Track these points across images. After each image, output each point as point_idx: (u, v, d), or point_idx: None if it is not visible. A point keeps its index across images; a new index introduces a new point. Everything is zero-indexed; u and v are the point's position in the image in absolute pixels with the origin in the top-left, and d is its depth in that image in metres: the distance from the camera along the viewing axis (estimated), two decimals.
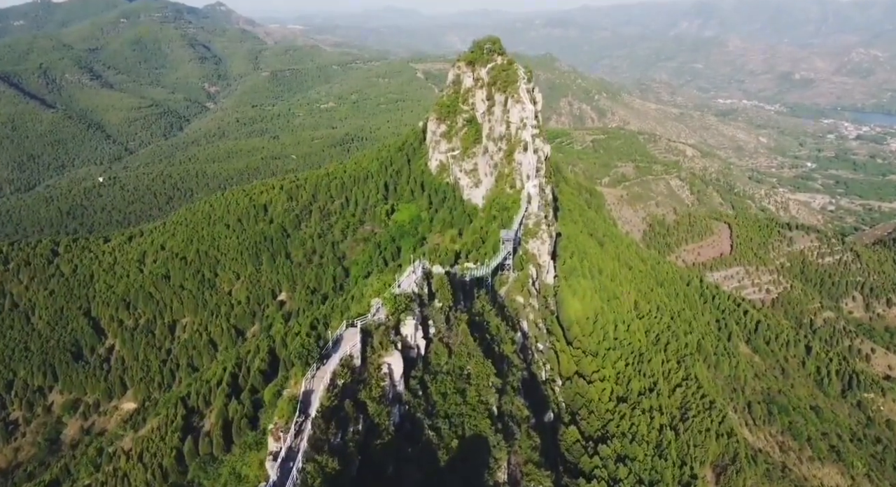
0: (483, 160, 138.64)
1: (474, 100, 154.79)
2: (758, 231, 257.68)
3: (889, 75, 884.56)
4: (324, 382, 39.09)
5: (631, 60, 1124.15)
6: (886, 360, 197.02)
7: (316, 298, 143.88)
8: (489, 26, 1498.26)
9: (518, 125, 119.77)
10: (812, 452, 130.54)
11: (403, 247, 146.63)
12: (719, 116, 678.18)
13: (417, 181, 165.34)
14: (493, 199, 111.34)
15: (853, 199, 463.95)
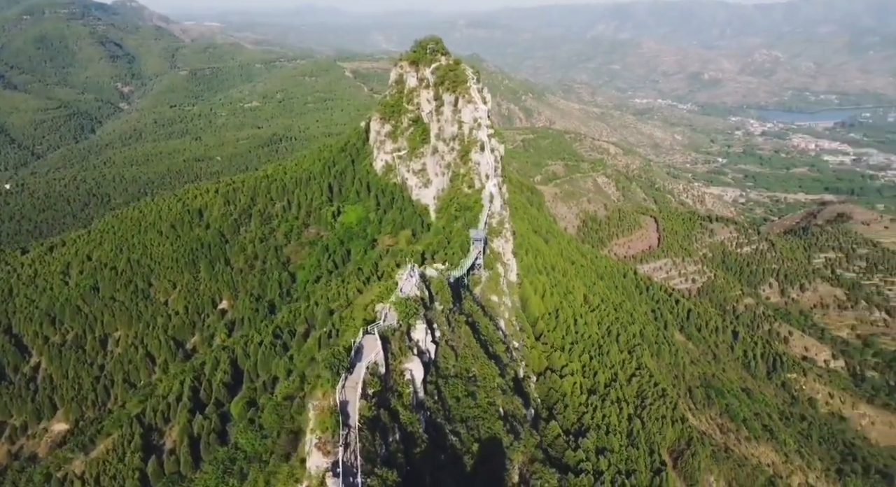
0: (432, 160, 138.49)
1: (419, 99, 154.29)
2: (682, 224, 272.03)
3: (789, 75, 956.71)
4: (357, 392, 37.84)
5: (553, 62, 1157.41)
6: (803, 342, 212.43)
7: (261, 306, 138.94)
8: (414, 26, 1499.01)
9: (471, 125, 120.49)
10: (748, 432, 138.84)
11: (353, 250, 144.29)
12: (637, 115, 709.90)
13: (363, 182, 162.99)
14: (449, 199, 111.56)
15: (761, 192, 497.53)
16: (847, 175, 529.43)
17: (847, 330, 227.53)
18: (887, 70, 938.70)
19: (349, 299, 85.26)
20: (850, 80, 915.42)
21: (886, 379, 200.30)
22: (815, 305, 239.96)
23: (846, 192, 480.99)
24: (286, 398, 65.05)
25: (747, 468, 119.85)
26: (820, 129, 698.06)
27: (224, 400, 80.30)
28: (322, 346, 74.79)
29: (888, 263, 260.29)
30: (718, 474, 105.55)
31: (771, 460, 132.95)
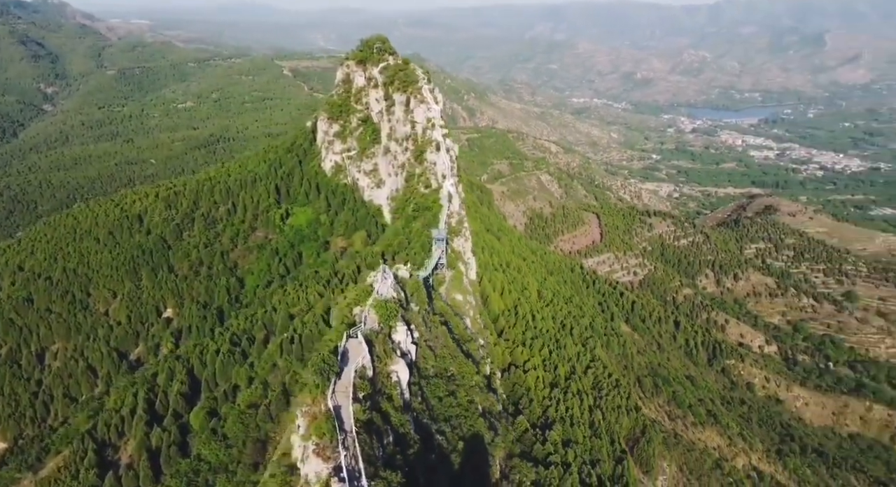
0: (384, 160, 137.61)
1: (368, 99, 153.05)
2: (622, 219, 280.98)
3: (716, 74, 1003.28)
4: (349, 396, 37.09)
5: (493, 61, 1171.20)
6: (738, 329, 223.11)
7: (209, 313, 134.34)
8: (352, 24, 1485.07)
9: (425, 125, 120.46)
10: (694, 418, 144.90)
11: (305, 253, 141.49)
12: (575, 114, 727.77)
13: (312, 183, 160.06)
14: (405, 199, 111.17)
15: (693, 186, 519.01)
16: (772, 169, 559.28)
17: (778, 317, 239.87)
18: (806, 68, 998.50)
19: (310, 304, 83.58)
20: (772, 79, 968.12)
21: (816, 361, 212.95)
22: (748, 294, 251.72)
23: (771, 185, 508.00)
24: (250, 406, 63.42)
25: (695, 452, 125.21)
26: (746, 126, 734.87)
27: (182, 412, 77.19)
28: (284, 352, 73.20)
29: (813, 252, 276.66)
30: (670, 459, 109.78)
31: (716, 444, 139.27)
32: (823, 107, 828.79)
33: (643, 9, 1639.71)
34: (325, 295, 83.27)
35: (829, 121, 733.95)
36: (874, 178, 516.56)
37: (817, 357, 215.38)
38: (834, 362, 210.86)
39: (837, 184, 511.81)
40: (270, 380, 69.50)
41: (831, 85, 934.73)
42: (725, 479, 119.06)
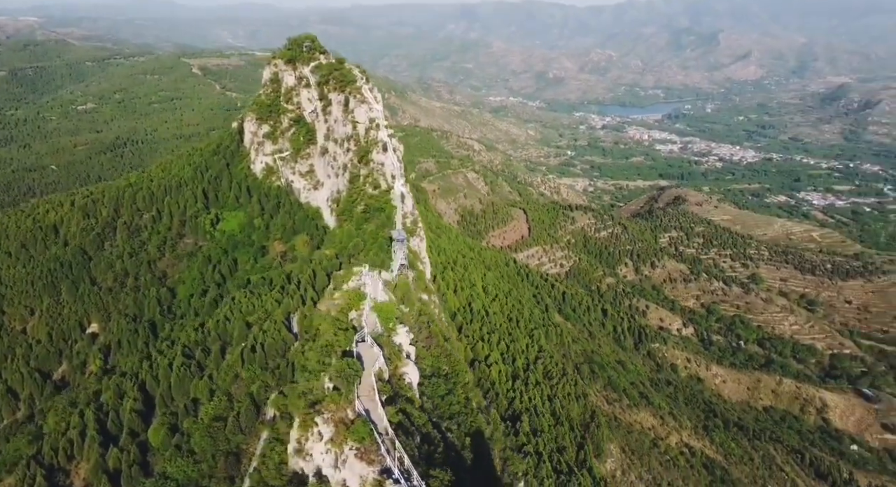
0: (322, 161, 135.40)
1: (299, 99, 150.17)
2: (547, 214, 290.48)
3: (621, 72, 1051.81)
4: (375, 399, 36.78)
5: (409, 60, 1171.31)
6: (658, 314, 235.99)
7: (140, 326, 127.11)
8: (260, 21, 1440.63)
9: (367, 125, 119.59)
10: (629, 400, 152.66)
11: (240, 259, 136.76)
12: (493, 113, 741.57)
13: (242, 186, 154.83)
14: (351, 201, 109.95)
15: (606, 181, 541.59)
16: (676, 162, 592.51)
17: (693, 300, 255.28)
18: (702, 66, 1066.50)
19: (267, 311, 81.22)
20: (673, 76, 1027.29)
21: (729, 341, 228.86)
22: (664, 280, 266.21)
23: (677, 177, 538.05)
24: (215, 419, 61.24)
25: (634, 434, 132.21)
26: (651, 122, 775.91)
27: (138, 429, 72.98)
28: (246, 362, 70.89)
29: (720, 239, 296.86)
30: (614, 442, 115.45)
31: (651, 424, 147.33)
32: (720, 102, 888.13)
33: (551, 9, 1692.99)
34: (283, 301, 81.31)
35: (726, 115, 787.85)
36: (767, 168, 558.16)
37: (730, 336, 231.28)
38: (745, 340, 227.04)
39: (735, 174, 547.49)
40: (234, 392, 67.35)
41: (726, 81, 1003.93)
42: (662, 457, 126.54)
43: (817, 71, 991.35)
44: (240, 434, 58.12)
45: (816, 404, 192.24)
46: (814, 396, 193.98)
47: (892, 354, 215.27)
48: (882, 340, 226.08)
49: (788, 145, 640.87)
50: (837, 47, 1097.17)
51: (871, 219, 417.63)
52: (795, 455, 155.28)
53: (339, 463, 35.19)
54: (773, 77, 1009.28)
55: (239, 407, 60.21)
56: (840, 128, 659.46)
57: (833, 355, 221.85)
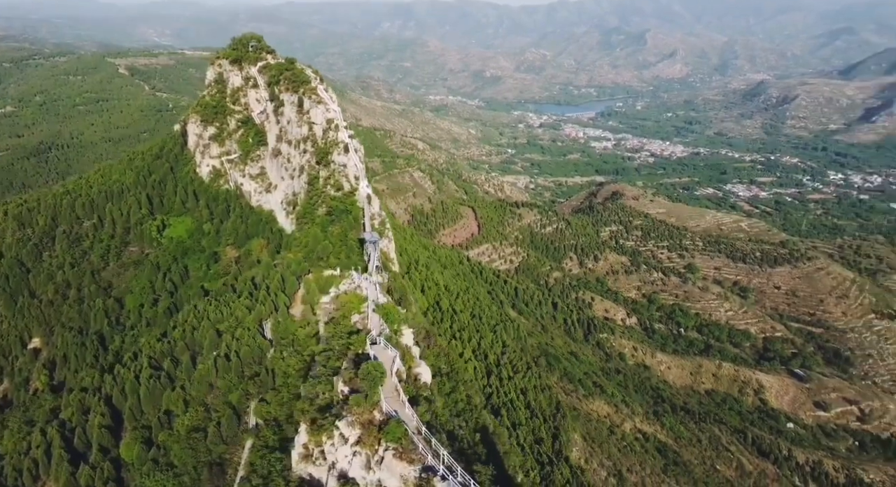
0: (275, 163, 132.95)
1: (247, 100, 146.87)
2: (495, 211, 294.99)
3: (556, 71, 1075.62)
4: (402, 400, 36.91)
5: (345, 58, 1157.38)
6: (603, 305, 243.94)
7: (88, 339, 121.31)
8: (189, 18, 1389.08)
9: (324, 126, 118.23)
10: (584, 390, 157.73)
11: (191, 266, 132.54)
12: (434, 111, 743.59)
13: (188, 190, 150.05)
14: (311, 203, 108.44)
15: (546, 178, 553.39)
16: (611, 158, 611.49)
17: (634, 291, 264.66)
18: (632, 65, 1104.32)
19: (238, 318, 79.24)
20: (604, 75, 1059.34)
21: (670, 328, 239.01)
22: (607, 272, 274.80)
23: (612, 173, 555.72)
24: (193, 430, 59.74)
25: (593, 422, 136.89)
26: (585, 119, 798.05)
27: (109, 446, 69.81)
28: (221, 371, 69.14)
29: (657, 231, 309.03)
30: (577, 432, 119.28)
31: (606, 412, 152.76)
32: (649, 99, 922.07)
33: (486, 8, 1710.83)
34: (254, 308, 79.57)
35: (655, 112, 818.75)
36: (696, 162, 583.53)
37: (670, 324, 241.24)
38: (684, 328, 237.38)
39: (666, 169, 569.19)
40: (210, 402, 65.75)
41: (654, 79, 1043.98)
42: (620, 443, 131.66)
43: (738, 68, 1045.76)
44: (221, 444, 56.96)
45: (754, 385, 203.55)
46: (751, 378, 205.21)
47: (820, 336, 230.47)
48: (809, 322, 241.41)
49: (714, 140, 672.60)
50: (755, 45, 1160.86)
51: (792, 209, 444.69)
52: (739, 435, 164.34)
53: (373, 465, 35.37)
54: (698, 75, 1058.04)
55: (218, 417, 58.99)
56: (761, 123, 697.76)
57: (766, 338, 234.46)
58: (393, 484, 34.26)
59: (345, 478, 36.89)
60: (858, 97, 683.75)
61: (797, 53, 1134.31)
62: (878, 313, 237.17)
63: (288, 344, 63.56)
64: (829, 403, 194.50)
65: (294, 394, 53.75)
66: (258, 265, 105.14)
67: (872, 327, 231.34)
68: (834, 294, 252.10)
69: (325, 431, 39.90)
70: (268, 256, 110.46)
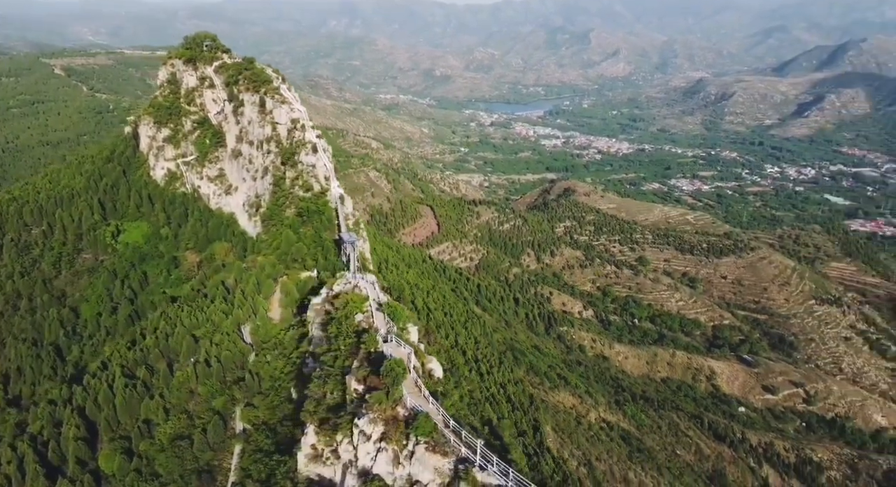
0: (235, 165, 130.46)
1: (203, 100, 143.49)
2: (453, 210, 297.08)
3: (504, 71, 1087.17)
4: (423, 395, 37.39)
5: (291, 57, 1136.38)
6: (560, 299, 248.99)
7: (43, 351, 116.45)
8: (123, 17, 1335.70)
9: (289, 126, 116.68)
10: (549, 383, 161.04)
11: (150, 272, 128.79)
12: (385, 110, 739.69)
13: (142, 194, 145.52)
14: (277, 205, 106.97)
15: (500, 176, 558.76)
16: (560, 155, 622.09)
17: (589, 284, 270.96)
18: (577, 64, 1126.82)
19: (215, 324, 77.64)
20: (551, 74, 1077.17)
21: (625, 320, 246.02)
22: (563, 267, 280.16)
23: (562, 170, 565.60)
24: (176, 438, 58.68)
25: (561, 413, 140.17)
26: (535, 118, 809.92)
27: (86, 458, 67.35)
28: (201, 376, 67.83)
29: (609, 226, 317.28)
30: (548, 423, 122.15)
31: (572, 403, 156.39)
32: (595, 98, 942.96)
33: (432, 7, 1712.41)
34: (231, 312, 78.11)
35: (601, 110, 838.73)
36: (641, 158, 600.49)
37: (625, 315, 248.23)
38: (638, 318, 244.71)
39: (613, 165, 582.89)
40: (193, 409, 64.57)
41: (599, 78, 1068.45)
42: (587, 433, 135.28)
43: (678, 67, 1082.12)
44: (209, 450, 56.21)
45: (706, 372, 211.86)
46: (703, 365, 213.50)
47: (765, 322, 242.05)
48: (755, 310, 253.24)
49: (658, 136, 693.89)
50: (694, 44, 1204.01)
51: (733, 202, 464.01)
52: (695, 421, 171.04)
53: (402, 460, 35.95)
54: (640, 73, 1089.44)
55: (203, 424, 58.13)
56: (701, 119, 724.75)
57: (715, 327, 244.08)
58: (426, 477, 34.95)
59: (367, 475, 37.38)
60: (791, 93, 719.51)
61: (733, 51, 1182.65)
62: (817, 299, 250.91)
63: (271, 348, 63.16)
64: (776, 387, 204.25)
65: (285, 397, 53.82)
66: (225, 269, 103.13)
67: (813, 312, 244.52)
68: (776, 282, 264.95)
69: (342, 430, 40.24)
70: (234, 259, 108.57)
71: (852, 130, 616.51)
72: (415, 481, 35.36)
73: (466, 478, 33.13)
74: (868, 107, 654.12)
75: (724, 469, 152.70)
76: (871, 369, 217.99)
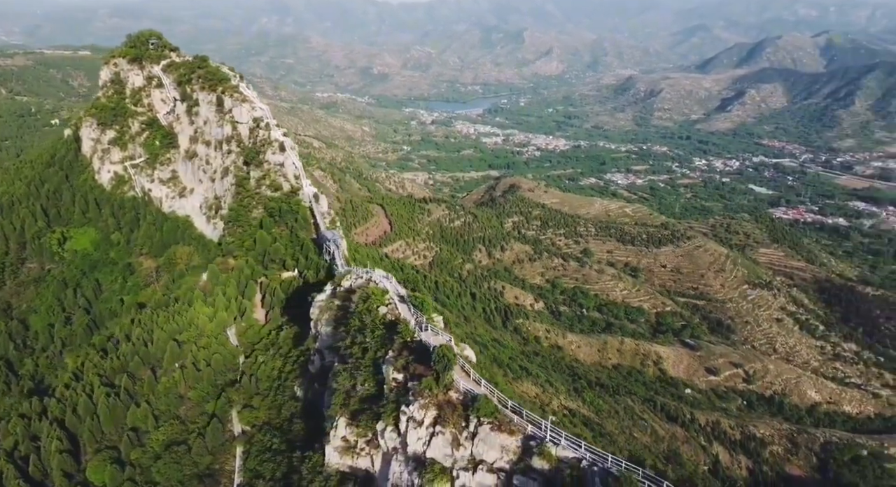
0: (189, 166, 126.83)
1: (151, 100, 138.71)
2: (404, 208, 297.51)
3: (441, 69, 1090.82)
4: (472, 378, 38.52)
5: (222, 55, 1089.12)
6: (513, 292, 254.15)
7: None
8: (39, 16, 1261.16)
9: (251, 125, 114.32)
10: (513, 374, 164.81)
11: (103, 280, 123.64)
12: (324, 109, 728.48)
13: (88, 199, 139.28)
14: (242, 206, 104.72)
15: (443, 173, 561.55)
16: (501, 153, 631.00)
17: (539, 277, 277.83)
18: (512, 62, 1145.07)
19: (199, 327, 75.53)
20: (488, 72, 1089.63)
21: (573, 310, 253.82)
22: (513, 261, 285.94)
23: (503, 167, 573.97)
24: (172, 444, 57.58)
25: (526, 403, 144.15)
26: (474, 116, 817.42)
27: (72, 471, 64.44)
28: (192, 381, 66.26)
29: (554, 220, 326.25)
30: None
31: (535, 393, 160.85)
32: (531, 96, 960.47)
33: (365, 5, 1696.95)
34: (214, 316, 76.28)
35: (537, 108, 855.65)
36: (577, 154, 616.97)
37: (573, 306, 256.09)
38: (586, 308, 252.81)
39: (552, 162, 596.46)
40: (185, 414, 63.25)
41: (534, 76, 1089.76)
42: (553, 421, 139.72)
43: (608, 65, 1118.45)
44: (208, 455, 55.56)
45: (653, 357, 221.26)
46: (650, 351, 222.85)
47: (703, 307, 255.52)
48: (693, 296, 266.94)
49: (592, 133, 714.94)
50: (622, 43, 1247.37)
51: (665, 194, 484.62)
52: (648, 404, 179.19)
53: (463, 441, 37.23)
54: (573, 71, 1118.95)
55: (197, 428, 57.25)
56: (632, 116, 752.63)
57: (658, 313, 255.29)
58: (492, 456, 36.50)
59: (420, 460, 38.48)
60: (715, 89, 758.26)
61: (659, 50, 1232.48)
62: (750, 283, 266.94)
63: (263, 349, 62.63)
64: (718, 368, 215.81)
65: (290, 396, 53.79)
66: (192, 272, 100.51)
67: (747, 296, 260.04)
68: (712, 268, 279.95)
69: (385, 418, 41.08)
70: (200, 263, 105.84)
71: (772, 123, 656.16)
72: (479, 460, 36.95)
73: (541, 453, 35.17)
74: (785, 101, 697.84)
75: (678, 448, 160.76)
76: (802, 348, 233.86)
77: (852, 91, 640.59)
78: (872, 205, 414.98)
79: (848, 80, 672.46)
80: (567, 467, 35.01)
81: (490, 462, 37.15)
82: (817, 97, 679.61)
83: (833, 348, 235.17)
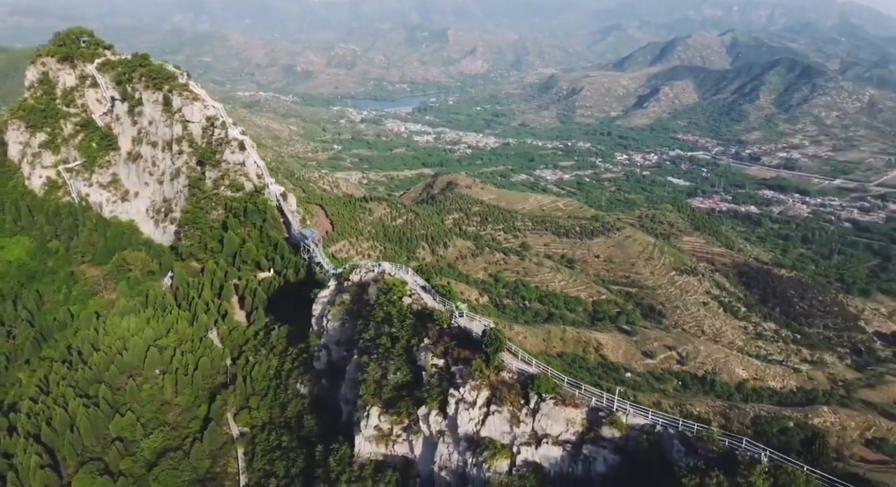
0: (132, 169, 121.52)
1: (85, 100, 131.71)
2: (345, 208, 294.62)
3: (368, 67, 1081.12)
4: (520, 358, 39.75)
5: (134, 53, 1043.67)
6: (458, 288, 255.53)
7: None
8: None
9: (204, 124, 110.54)
10: None
11: (44, 290, 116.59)
12: (247, 108, 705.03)
13: (19, 207, 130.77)
14: (199, 207, 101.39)
15: (377, 172, 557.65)
16: (434, 151, 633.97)
17: (482, 272, 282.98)
18: (438, 61, 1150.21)
19: (179, 332, 72.74)
20: (415, 71, 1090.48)
21: (517, 302, 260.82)
22: (456, 257, 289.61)
23: (437, 165, 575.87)
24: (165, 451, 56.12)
25: None
26: (404, 114, 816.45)
27: (54, 485, 60.72)
28: (180, 386, 64.12)
29: (493, 216, 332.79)
30: None
31: None
32: (458, 94, 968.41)
33: (286, 2, 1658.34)
34: (198, 321, 73.72)
35: (465, 106, 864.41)
36: (507, 152, 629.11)
37: (516, 299, 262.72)
38: (528, 300, 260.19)
39: (483, 159, 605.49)
40: (174, 420, 61.47)
41: (460, 75, 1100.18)
42: None
43: (530, 64, 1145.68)
44: (207, 458, 54.62)
45: (594, 344, 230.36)
46: (590, 338, 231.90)
47: (636, 295, 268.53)
48: (626, 284, 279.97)
49: (520, 130, 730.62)
50: (543, 42, 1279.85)
51: (591, 188, 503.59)
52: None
53: (524, 418, 38.66)
54: (498, 70, 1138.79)
55: (191, 433, 56.04)
56: (556, 113, 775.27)
57: (594, 302, 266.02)
58: (557, 429, 38.16)
59: (473, 440, 39.73)
60: (631, 86, 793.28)
61: (578, 49, 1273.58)
62: (677, 270, 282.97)
63: (252, 349, 61.75)
64: (654, 352, 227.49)
65: (293, 393, 53.62)
66: (151, 277, 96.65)
67: (675, 282, 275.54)
68: (642, 257, 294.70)
69: (429, 403, 42.03)
70: (157, 267, 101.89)
71: (685, 118, 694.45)
72: (543, 435, 38.72)
73: (612, 422, 37.40)
74: (697, 97, 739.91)
75: None
76: (727, 329, 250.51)
77: (757, 87, 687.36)
78: (780, 193, 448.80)
79: (752, 76, 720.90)
80: (641, 433, 37.52)
81: (555, 436, 39.06)
82: (725, 93, 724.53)
83: (755, 328, 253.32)
